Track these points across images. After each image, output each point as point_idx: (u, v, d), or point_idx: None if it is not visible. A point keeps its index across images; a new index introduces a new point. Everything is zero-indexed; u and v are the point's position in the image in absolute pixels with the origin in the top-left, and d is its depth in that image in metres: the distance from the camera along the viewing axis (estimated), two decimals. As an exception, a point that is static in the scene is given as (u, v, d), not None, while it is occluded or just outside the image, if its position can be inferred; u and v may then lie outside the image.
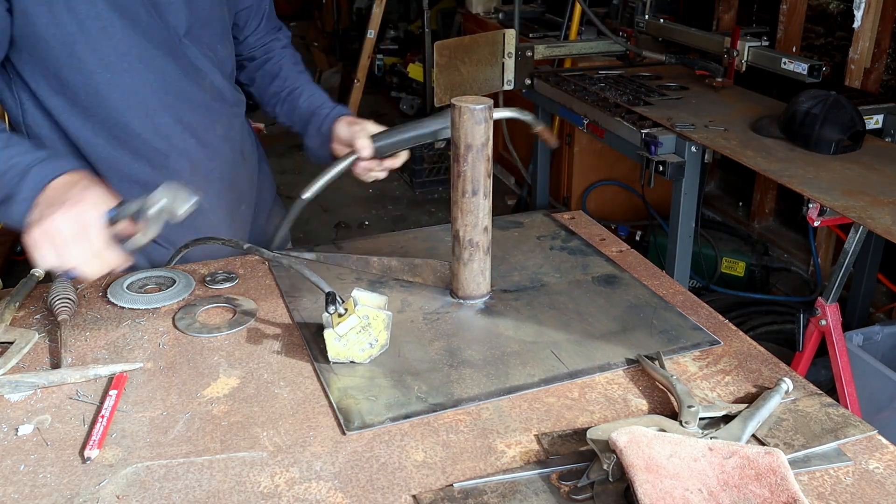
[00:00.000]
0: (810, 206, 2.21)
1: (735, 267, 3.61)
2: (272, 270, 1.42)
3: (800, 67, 2.81)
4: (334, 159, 1.47)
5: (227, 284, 1.37)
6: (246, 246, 1.31)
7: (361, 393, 1.07)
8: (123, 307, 1.29)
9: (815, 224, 2.24)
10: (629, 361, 1.14)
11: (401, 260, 1.40)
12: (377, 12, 5.70)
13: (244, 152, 1.59)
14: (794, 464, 0.92)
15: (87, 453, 0.95)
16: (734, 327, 1.24)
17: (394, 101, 6.71)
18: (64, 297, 1.26)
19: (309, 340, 1.20)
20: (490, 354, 1.16)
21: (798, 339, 2.46)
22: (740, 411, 1.00)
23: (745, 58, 3.07)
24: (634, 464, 0.86)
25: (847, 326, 2.54)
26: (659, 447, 0.89)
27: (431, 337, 1.21)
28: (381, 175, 1.47)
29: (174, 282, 1.35)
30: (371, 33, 5.75)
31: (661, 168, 2.65)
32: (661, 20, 3.61)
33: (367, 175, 1.46)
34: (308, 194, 1.41)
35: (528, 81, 3.40)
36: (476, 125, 1.21)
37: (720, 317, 1.27)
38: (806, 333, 2.44)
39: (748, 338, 1.21)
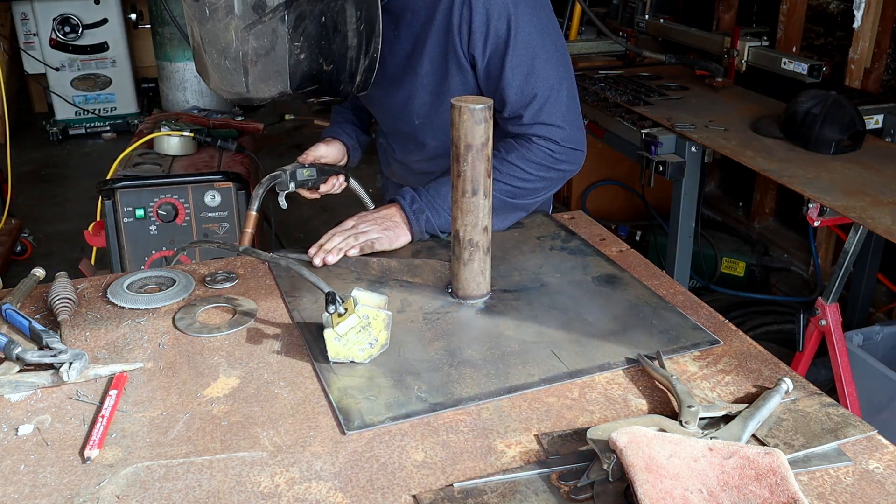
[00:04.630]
0: (810, 206, 2.21)
1: (735, 267, 3.61)
2: (272, 270, 1.42)
3: (800, 67, 2.81)
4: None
5: (227, 284, 1.37)
6: (242, 248, 1.31)
7: (361, 393, 1.07)
8: (123, 307, 1.29)
9: (815, 224, 2.24)
10: (629, 361, 1.14)
11: (400, 260, 1.40)
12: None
13: None
14: (794, 464, 0.92)
15: (87, 453, 0.95)
16: (734, 327, 1.24)
17: (394, 101, 6.70)
18: (64, 297, 1.26)
19: (309, 340, 1.20)
20: (490, 354, 1.16)
21: (798, 339, 2.45)
22: (740, 411, 1.00)
23: (745, 58, 3.07)
24: (634, 464, 0.86)
25: (847, 326, 2.54)
26: (659, 447, 0.89)
27: (431, 337, 1.21)
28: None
29: (174, 282, 1.35)
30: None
31: (661, 168, 2.65)
32: (661, 20, 3.62)
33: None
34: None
35: (528, 81, 3.39)
36: (476, 125, 1.21)
37: (720, 317, 1.27)
38: (806, 333, 2.44)
39: (748, 338, 1.21)
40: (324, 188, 1.73)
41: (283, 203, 1.66)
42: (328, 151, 1.75)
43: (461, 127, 1.21)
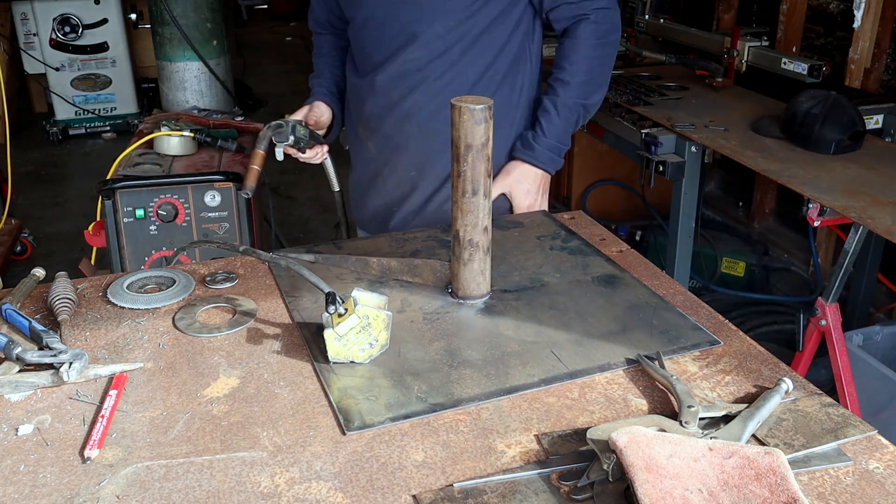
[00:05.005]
0: (810, 206, 2.21)
1: (735, 267, 3.61)
2: (272, 270, 1.42)
3: (800, 67, 2.81)
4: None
5: (227, 284, 1.37)
6: (242, 248, 1.31)
7: (361, 393, 1.07)
8: (123, 307, 1.29)
9: (815, 224, 2.24)
10: (629, 361, 1.14)
11: (400, 260, 1.40)
12: (377, 12, 5.69)
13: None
14: (794, 464, 0.92)
15: (87, 453, 0.95)
16: (734, 327, 1.24)
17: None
18: (64, 297, 1.26)
19: (309, 340, 1.20)
20: (490, 354, 1.16)
21: (798, 339, 2.46)
22: (740, 411, 1.00)
23: (745, 58, 3.07)
24: (634, 464, 0.86)
25: (847, 326, 2.54)
26: (659, 447, 0.89)
27: (431, 337, 1.21)
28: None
29: (174, 282, 1.35)
30: (371, 33, 5.74)
31: (661, 168, 2.65)
32: (661, 20, 3.61)
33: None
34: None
35: (528, 81, 3.39)
36: (476, 125, 1.21)
37: (720, 317, 1.27)
38: (806, 333, 2.44)
39: (748, 338, 1.21)
40: (308, 153, 1.78)
41: (279, 154, 1.68)
42: (324, 112, 1.80)
43: (461, 127, 1.21)
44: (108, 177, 2.57)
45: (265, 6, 11.14)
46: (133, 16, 5.94)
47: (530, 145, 1.76)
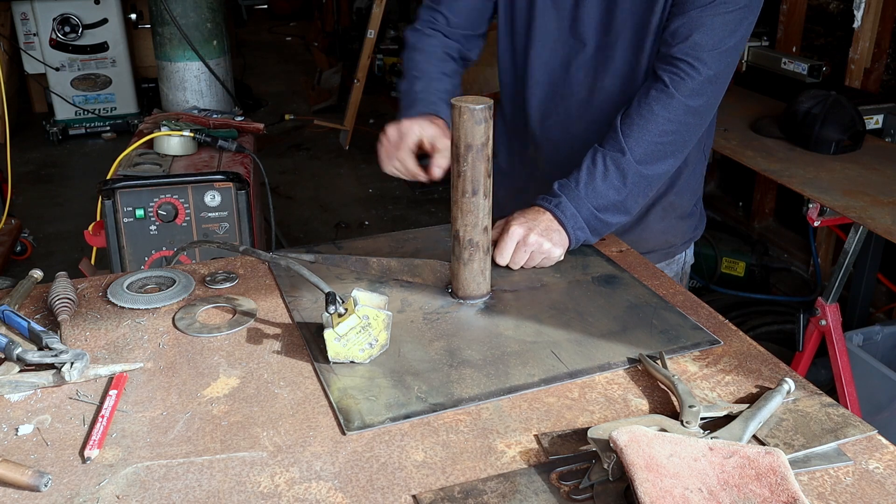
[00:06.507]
0: (810, 206, 2.22)
1: (735, 267, 3.61)
2: (272, 270, 1.42)
3: (800, 67, 2.82)
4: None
5: (227, 284, 1.37)
6: (242, 248, 1.31)
7: (361, 393, 1.07)
8: (123, 307, 1.29)
9: (815, 224, 2.24)
10: (630, 361, 1.14)
11: (400, 260, 1.40)
12: (377, 12, 5.71)
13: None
14: (794, 464, 0.92)
15: (87, 453, 0.95)
16: (734, 327, 1.24)
17: (394, 101, 6.72)
18: (64, 297, 1.26)
19: (309, 340, 1.20)
20: (490, 354, 1.16)
21: (798, 339, 2.46)
22: (741, 411, 1.00)
23: (745, 58, 3.08)
24: (634, 462, 0.86)
25: (847, 326, 2.54)
26: (659, 446, 0.89)
27: (431, 337, 1.21)
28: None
29: (174, 282, 1.35)
30: (371, 33, 5.76)
31: (661, 168, 2.65)
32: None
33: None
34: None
35: (528, 81, 3.39)
36: (476, 125, 1.21)
37: (720, 317, 1.27)
38: (806, 333, 2.44)
39: (748, 338, 1.21)
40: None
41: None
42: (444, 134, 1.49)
43: (461, 127, 1.21)
44: (108, 177, 2.57)
45: (265, 6, 11.15)
46: (133, 16, 5.95)
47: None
